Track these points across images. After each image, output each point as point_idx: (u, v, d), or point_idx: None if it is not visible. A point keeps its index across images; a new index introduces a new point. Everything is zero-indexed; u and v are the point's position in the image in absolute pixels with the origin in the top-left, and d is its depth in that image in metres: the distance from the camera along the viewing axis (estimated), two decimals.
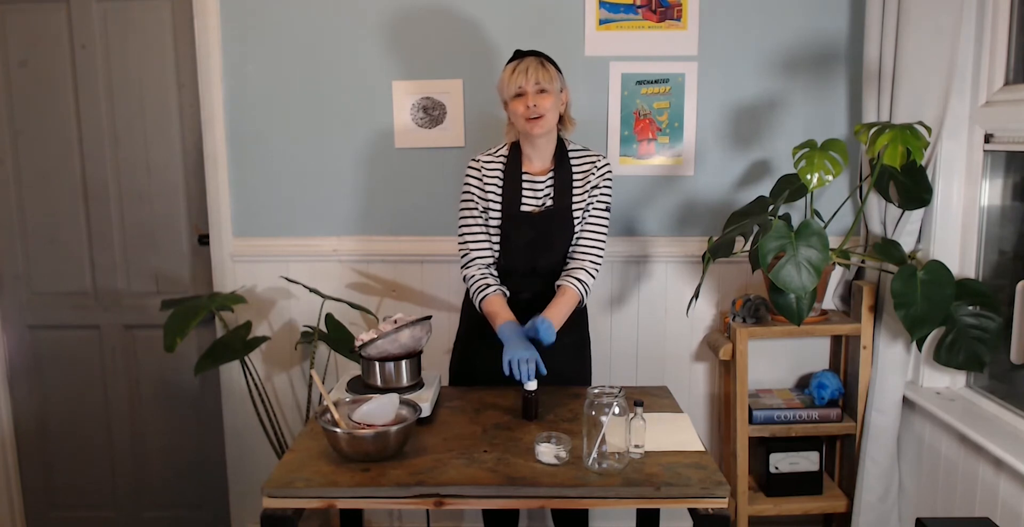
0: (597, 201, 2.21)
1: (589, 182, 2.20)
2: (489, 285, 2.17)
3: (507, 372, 2.01)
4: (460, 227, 2.24)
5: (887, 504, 2.52)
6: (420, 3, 2.62)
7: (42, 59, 2.73)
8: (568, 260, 2.23)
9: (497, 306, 2.14)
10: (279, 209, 2.75)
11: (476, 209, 2.21)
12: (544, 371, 2.01)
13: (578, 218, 2.20)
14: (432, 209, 2.71)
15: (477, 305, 2.18)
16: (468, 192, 2.22)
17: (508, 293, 2.20)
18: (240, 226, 2.77)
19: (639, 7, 2.60)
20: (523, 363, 1.98)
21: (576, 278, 2.17)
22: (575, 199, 2.19)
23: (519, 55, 2.16)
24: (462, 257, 2.24)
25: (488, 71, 2.63)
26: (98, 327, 2.89)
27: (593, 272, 2.20)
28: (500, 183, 2.20)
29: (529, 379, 1.97)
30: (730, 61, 2.63)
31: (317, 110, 2.69)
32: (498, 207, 2.19)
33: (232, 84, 2.68)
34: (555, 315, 2.11)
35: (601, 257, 2.23)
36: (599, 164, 2.21)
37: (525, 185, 2.20)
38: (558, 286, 2.18)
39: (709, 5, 2.60)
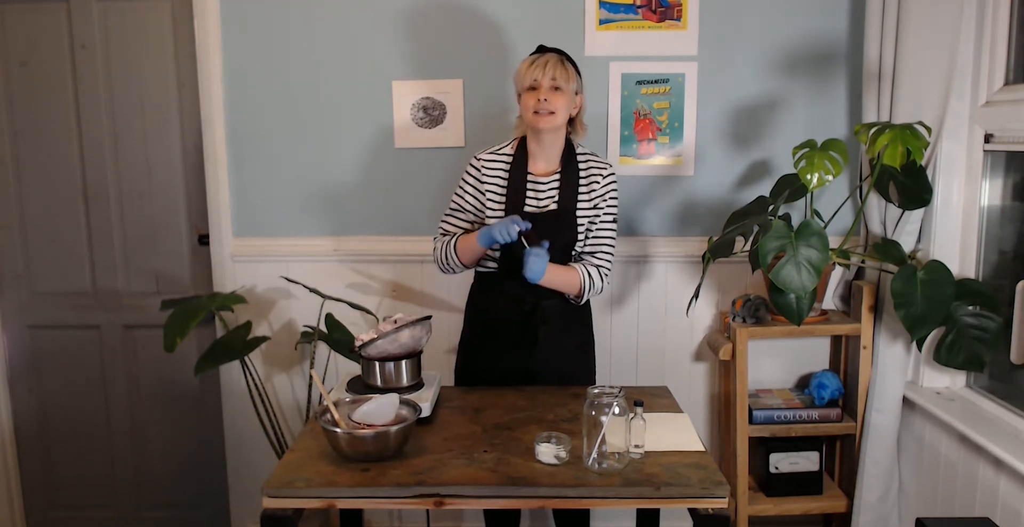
0: (604, 214, 2.21)
1: (594, 190, 2.20)
2: (450, 239, 2.21)
3: (497, 238, 2.05)
4: (445, 215, 2.29)
5: (887, 504, 2.52)
6: (420, 3, 2.62)
7: (42, 59, 2.73)
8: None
9: (463, 238, 2.17)
10: (279, 209, 2.75)
11: (464, 203, 2.24)
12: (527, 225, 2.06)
13: (581, 223, 2.19)
14: (432, 209, 2.71)
15: (451, 250, 2.18)
16: (463, 187, 2.25)
17: None
18: (240, 226, 2.77)
19: (639, 7, 2.60)
20: (508, 223, 2.02)
21: (585, 269, 2.18)
22: (580, 204, 2.19)
23: (542, 50, 2.16)
24: (434, 240, 2.28)
25: (488, 71, 2.63)
26: (98, 327, 2.89)
27: (604, 274, 2.20)
28: (502, 182, 2.19)
29: (514, 236, 2.01)
30: (730, 61, 2.63)
31: (317, 110, 2.69)
32: (499, 207, 2.19)
33: (232, 84, 2.68)
34: (553, 268, 2.11)
35: (611, 264, 2.23)
36: (605, 174, 2.21)
37: (529, 185, 2.19)
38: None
39: (709, 5, 2.60)
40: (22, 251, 2.86)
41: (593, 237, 2.21)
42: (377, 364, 2.03)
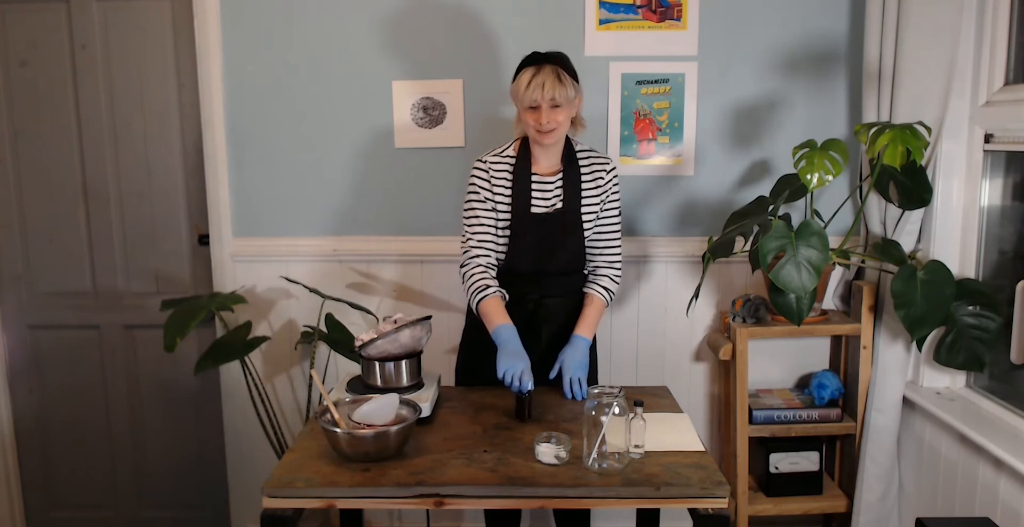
0: (610, 204, 2.23)
1: (599, 186, 2.21)
2: (489, 286, 2.15)
3: (501, 378, 2.05)
4: (466, 226, 2.22)
5: (887, 504, 2.52)
6: (420, 3, 2.62)
7: (42, 59, 2.73)
8: (591, 268, 2.28)
9: (494, 308, 2.13)
10: (279, 209, 2.75)
11: (485, 208, 2.19)
12: (531, 386, 2.04)
13: (588, 221, 2.20)
14: (432, 209, 2.71)
15: (474, 305, 2.16)
16: (475, 191, 2.19)
17: (507, 297, 2.19)
18: (240, 226, 2.77)
19: (639, 7, 2.60)
20: (516, 377, 2.01)
21: (602, 286, 2.25)
22: (584, 201, 2.19)
23: (536, 60, 2.09)
24: (463, 254, 2.22)
25: (488, 71, 2.63)
26: (98, 327, 2.89)
27: (617, 279, 2.28)
28: (508, 184, 2.18)
29: (524, 391, 1.99)
30: (730, 61, 2.63)
31: (317, 110, 2.69)
32: (506, 208, 2.19)
33: (232, 84, 2.68)
34: (587, 329, 2.20)
35: (620, 261, 2.28)
36: (608, 168, 2.23)
37: (535, 186, 2.19)
38: (584, 295, 2.25)
39: (709, 5, 2.60)
40: (22, 251, 2.86)
41: (600, 230, 2.24)
42: (377, 364, 2.03)
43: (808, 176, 2.20)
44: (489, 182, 2.19)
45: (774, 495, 2.63)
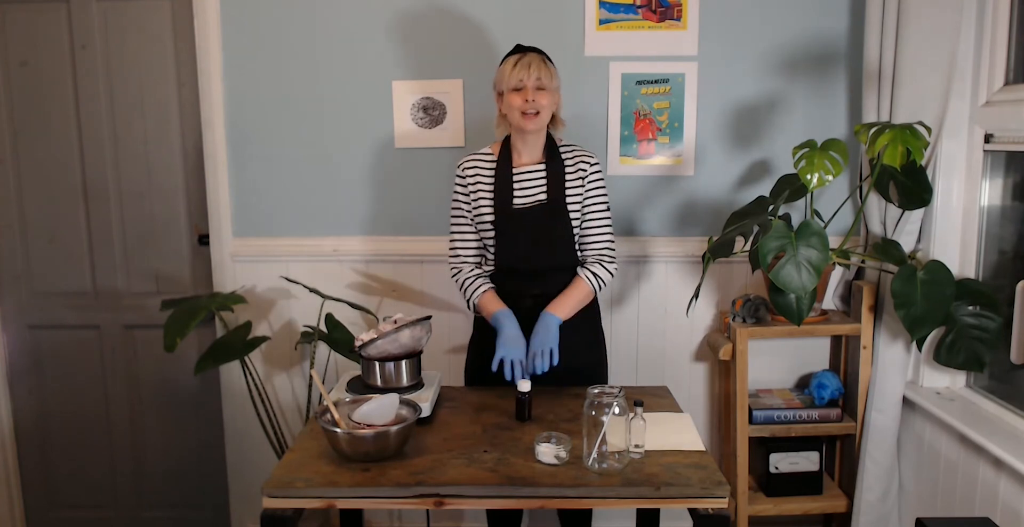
0: (595, 202, 2.24)
1: (581, 174, 2.22)
2: (480, 286, 2.22)
3: (496, 369, 2.09)
4: (450, 231, 2.31)
5: (887, 504, 2.52)
6: (420, 3, 2.62)
7: (42, 59, 2.73)
8: (583, 260, 2.27)
9: (489, 299, 2.20)
10: (279, 209, 2.75)
11: (462, 212, 2.26)
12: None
13: (575, 213, 2.21)
14: (432, 209, 2.71)
15: (469, 303, 2.24)
16: (455, 198, 2.28)
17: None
18: (240, 226, 2.77)
19: (639, 7, 2.60)
20: (516, 363, 2.06)
21: (590, 271, 2.22)
22: (569, 193, 2.21)
23: (521, 50, 2.17)
24: (451, 258, 2.30)
25: (488, 71, 2.62)
26: (98, 327, 2.89)
27: (609, 267, 2.24)
28: (488, 182, 2.22)
29: (521, 378, 1.99)
30: (730, 61, 2.63)
31: (317, 110, 2.69)
32: (490, 208, 2.20)
33: (232, 84, 2.68)
34: (558, 307, 2.16)
35: (613, 251, 2.26)
36: (592, 161, 2.24)
37: (516, 179, 2.21)
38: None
39: (709, 5, 2.60)
40: (22, 251, 2.86)
41: (588, 222, 2.24)
42: (377, 364, 2.03)
43: (808, 176, 2.20)
44: (466, 188, 2.25)
45: (774, 495, 2.63)
